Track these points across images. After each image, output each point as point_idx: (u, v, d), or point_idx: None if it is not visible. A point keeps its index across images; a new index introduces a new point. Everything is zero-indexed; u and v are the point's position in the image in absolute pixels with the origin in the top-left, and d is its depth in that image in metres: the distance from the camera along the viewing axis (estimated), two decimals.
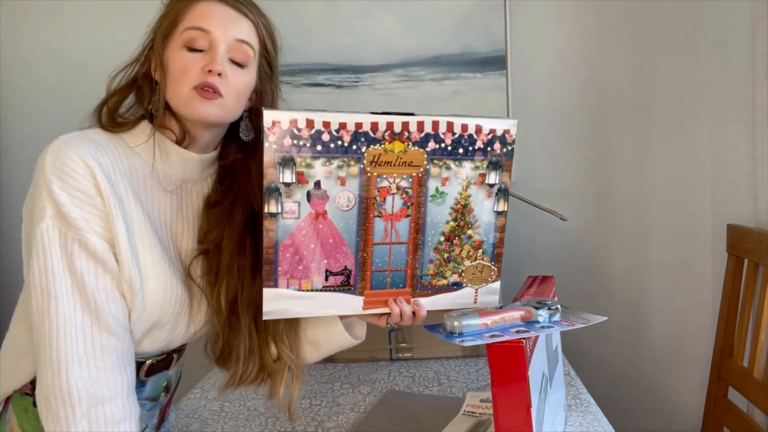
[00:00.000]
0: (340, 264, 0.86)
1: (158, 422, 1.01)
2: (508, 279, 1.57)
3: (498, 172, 0.89)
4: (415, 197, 0.86)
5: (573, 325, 0.80)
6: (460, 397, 1.19)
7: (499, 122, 0.87)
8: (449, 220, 0.88)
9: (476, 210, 0.89)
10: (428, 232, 0.88)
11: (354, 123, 0.81)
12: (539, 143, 1.69)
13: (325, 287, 0.87)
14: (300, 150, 0.80)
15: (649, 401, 1.76)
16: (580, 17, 1.65)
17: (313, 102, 1.67)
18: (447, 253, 0.90)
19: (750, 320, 1.44)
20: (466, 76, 1.66)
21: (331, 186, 0.82)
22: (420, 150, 0.84)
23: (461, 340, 0.77)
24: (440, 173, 0.86)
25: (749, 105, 1.45)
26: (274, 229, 0.82)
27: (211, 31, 0.86)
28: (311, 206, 0.82)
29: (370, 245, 0.86)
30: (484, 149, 0.87)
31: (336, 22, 1.65)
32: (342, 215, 0.84)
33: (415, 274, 0.90)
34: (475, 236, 0.90)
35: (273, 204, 0.82)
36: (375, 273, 0.88)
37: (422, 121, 0.83)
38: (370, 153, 0.83)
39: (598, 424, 1.03)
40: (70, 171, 0.79)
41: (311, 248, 0.84)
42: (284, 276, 0.84)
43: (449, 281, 0.91)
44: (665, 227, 1.70)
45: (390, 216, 0.86)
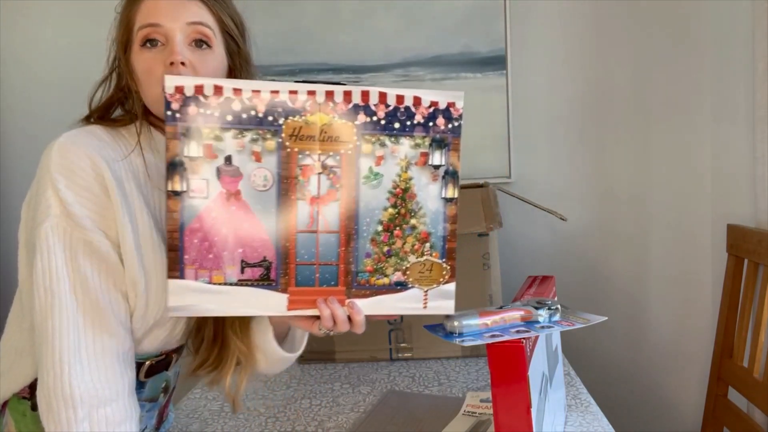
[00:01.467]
0: (258, 254, 0.75)
1: (157, 423, 1.01)
2: (509, 279, 1.58)
3: (443, 151, 0.78)
4: (344, 178, 0.76)
5: (573, 325, 0.80)
6: (460, 397, 1.19)
7: (442, 93, 0.78)
8: (387, 206, 0.77)
9: (420, 196, 0.78)
10: (362, 220, 0.77)
11: (269, 90, 0.72)
12: (539, 143, 1.69)
13: (240, 281, 0.76)
14: (207, 120, 0.72)
15: (649, 401, 1.76)
16: (580, 17, 1.65)
17: None
18: (387, 246, 0.78)
19: (750, 320, 1.44)
20: (466, 76, 1.66)
21: (245, 162, 0.73)
22: (348, 123, 0.75)
23: (461, 340, 0.77)
24: (374, 151, 0.76)
25: (749, 104, 1.45)
26: (179, 209, 0.73)
27: (161, 23, 0.83)
28: (222, 184, 0.73)
29: (293, 233, 0.76)
30: (425, 124, 0.77)
31: (336, 22, 1.65)
32: (259, 196, 0.74)
33: (350, 270, 0.78)
34: (420, 227, 0.79)
35: (177, 181, 0.73)
36: (300, 267, 0.77)
37: (350, 91, 0.74)
38: (288, 125, 0.73)
39: (598, 424, 1.03)
40: (76, 169, 0.78)
41: (223, 234, 0.74)
42: (192, 265, 0.74)
43: (391, 280, 0.79)
44: (665, 227, 1.70)
45: (316, 199, 0.75)
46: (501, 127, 1.67)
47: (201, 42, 0.85)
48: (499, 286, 1.37)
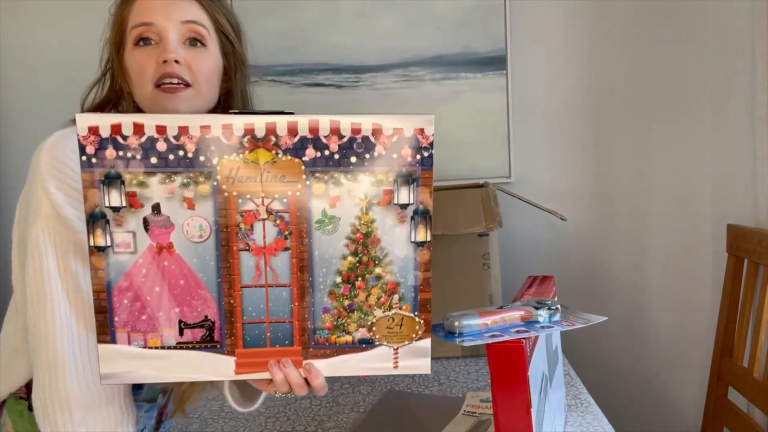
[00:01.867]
0: (197, 313, 0.68)
1: (157, 423, 1.00)
2: (509, 279, 1.58)
3: (411, 187, 0.66)
4: (293, 224, 0.66)
5: (573, 325, 0.80)
6: (460, 397, 1.19)
7: (407, 119, 0.65)
8: (346, 254, 0.68)
9: (384, 240, 0.68)
10: (318, 270, 0.68)
11: (198, 126, 0.63)
12: (539, 143, 1.69)
13: (180, 344, 0.68)
14: (128, 164, 0.63)
15: (649, 401, 1.76)
16: (580, 17, 1.65)
17: (314, 102, 1.67)
18: (348, 300, 0.69)
19: (750, 320, 1.44)
20: (466, 76, 1.66)
21: (176, 210, 0.65)
22: (295, 160, 0.65)
23: (461, 340, 0.77)
24: (327, 191, 0.66)
25: (749, 105, 1.45)
26: (104, 267, 0.65)
27: (154, 21, 0.82)
28: (151, 237, 0.65)
29: (237, 288, 0.67)
30: (387, 156, 0.65)
31: (336, 22, 1.65)
32: (194, 249, 0.66)
33: (305, 327, 0.69)
34: (387, 276, 0.69)
35: (99, 235, 0.65)
36: (248, 326, 0.68)
37: (295, 122, 0.64)
38: (224, 166, 0.64)
39: (598, 424, 1.03)
40: (66, 169, 0.77)
41: (156, 292, 0.67)
42: (123, 329, 0.67)
43: (355, 338, 0.70)
44: (665, 227, 1.70)
45: (261, 249, 0.67)
46: (501, 127, 1.67)
47: (195, 41, 0.84)
48: (499, 286, 1.37)
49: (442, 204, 1.38)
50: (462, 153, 1.68)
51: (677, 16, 1.63)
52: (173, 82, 0.82)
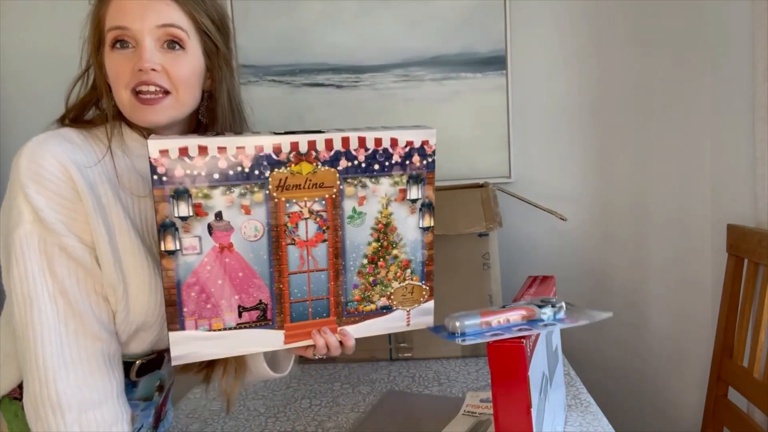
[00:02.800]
0: (253, 298, 0.79)
1: (155, 421, 1.00)
2: (509, 279, 1.58)
3: (420, 186, 0.84)
4: (330, 220, 0.80)
5: (577, 322, 0.80)
6: (460, 397, 1.19)
7: (416, 133, 0.81)
8: (371, 241, 0.83)
9: (400, 228, 0.84)
10: (349, 255, 0.82)
11: (254, 146, 0.74)
12: (539, 143, 1.69)
13: (239, 324, 0.79)
14: (194, 180, 0.73)
15: (649, 401, 1.76)
16: (580, 17, 1.65)
17: (314, 102, 1.67)
18: (372, 276, 0.84)
19: (750, 320, 1.44)
20: (466, 76, 1.66)
21: (235, 216, 0.75)
22: (331, 170, 0.78)
23: (462, 339, 0.77)
24: (356, 192, 0.80)
25: (749, 105, 1.45)
26: (174, 267, 0.75)
27: (128, 26, 0.80)
28: (214, 239, 0.75)
29: (285, 275, 0.80)
30: (402, 163, 0.82)
31: (336, 22, 1.65)
32: (250, 246, 0.77)
33: (339, 301, 0.83)
34: (402, 256, 0.85)
35: (170, 241, 0.74)
36: (294, 304, 0.81)
37: (330, 139, 0.77)
38: (275, 177, 0.76)
39: (598, 424, 1.03)
40: (45, 173, 0.77)
41: (219, 284, 0.77)
42: (191, 317, 0.77)
43: (377, 305, 0.86)
44: (665, 227, 1.70)
45: (305, 242, 0.79)
46: (501, 127, 1.67)
47: (173, 43, 0.82)
48: (499, 286, 1.37)
49: (442, 204, 1.38)
50: (462, 153, 1.68)
51: (677, 16, 1.63)
52: (150, 89, 0.81)
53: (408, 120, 1.67)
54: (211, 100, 0.90)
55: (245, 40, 1.64)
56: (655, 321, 1.73)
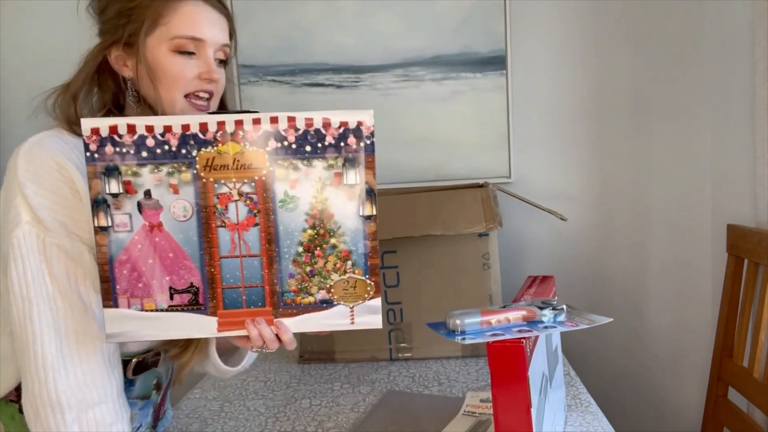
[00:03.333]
0: (184, 281, 0.79)
1: (153, 421, 1.00)
2: (509, 279, 1.58)
3: (356, 169, 0.79)
4: (261, 203, 0.79)
5: (577, 326, 0.80)
6: (460, 397, 1.18)
7: (350, 113, 0.78)
8: (306, 227, 0.80)
9: (337, 215, 0.80)
10: (283, 242, 0.80)
11: (180, 125, 0.76)
12: (539, 143, 1.69)
13: (171, 307, 0.80)
14: (124, 158, 0.76)
15: (649, 401, 1.76)
16: (580, 17, 1.65)
17: (314, 102, 1.67)
18: (309, 266, 0.81)
19: (750, 320, 1.44)
20: (466, 76, 1.66)
21: (164, 195, 0.77)
22: (259, 150, 0.77)
23: (462, 338, 0.77)
24: (287, 175, 0.78)
25: (749, 105, 1.45)
26: (106, 243, 0.77)
27: (204, 39, 0.86)
28: (144, 218, 0.77)
29: (216, 259, 0.79)
30: (336, 145, 0.78)
31: (336, 22, 1.65)
32: (180, 226, 0.78)
33: (275, 290, 0.81)
34: (341, 245, 0.81)
35: (102, 217, 0.77)
36: (227, 290, 0.80)
37: (258, 118, 0.77)
38: (202, 157, 0.77)
39: (598, 424, 1.03)
40: (43, 173, 0.78)
41: (150, 264, 0.78)
42: (124, 295, 0.78)
43: (317, 298, 0.82)
44: (665, 227, 1.70)
45: (236, 225, 0.79)
46: (501, 127, 1.67)
47: (222, 61, 0.91)
48: (499, 286, 1.38)
49: (442, 204, 1.38)
50: (462, 153, 1.68)
51: (677, 16, 1.63)
52: (204, 96, 0.88)
53: (408, 120, 1.67)
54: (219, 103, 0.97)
55: (245, 40, 1.64)
56: (655, 321, 1.73)
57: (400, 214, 1.38)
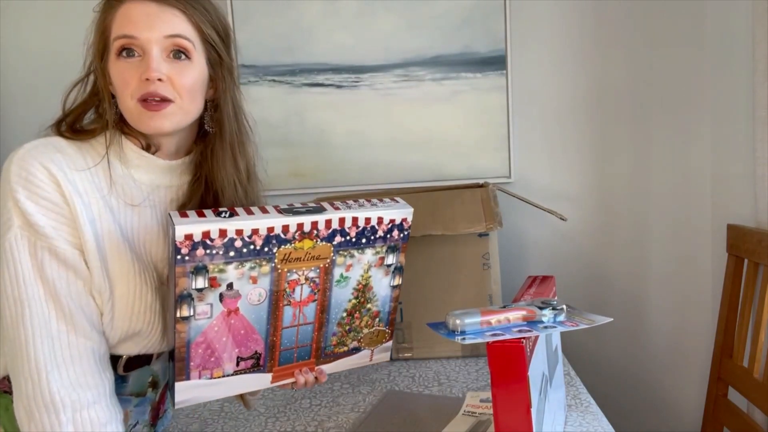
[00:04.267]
0: (250, 350, 0.89)
1: (152, 419, 1.00)
2: (509, 279, 1.58)
3: (395, 254, 0.95)
4: (321, 284, 0.90)
5: (577, 326, 0.80)
6: (460, 397, 1.18)
7: (398, 212, 0.92)
8: (351, 298, 0.93)
9: (375, 287, 0.95)
10: (332, 311, 0.93)
11: (266, 228, 0.83)
12: (539, 143, 1.69)
13: (236, 371, 0.89)
14: (213, 258, 0.80)
15: (649, 401, 1.76)
16: (580, 17, 1.65)
17: (314, 102, 1.67)
18: (348, 326, 0.96)
19: (750, 320, 1.44)
20: (466, 76, 1.66)
21: (243, 285, 0.84)
22: (327, 245, 0.88)
23: (462, 338, 0.77)
24: (345, 261, 0.90)
25: (749, 105, 1.45)
26: (186, 330, 0.82)
27: (136, 35, 0.81)
28: (223, 305, 0.83)
29: (279, 330, 0.89)
30: (384, 237, 0.92)
31: (336, 22, 1.65)
32: (254, 309, 0.86)
33: (320, 346, 0.94)
34: (374, 308, 0.97)
35: (186, 309, 0.81)
36: (283, 352, 0.92)
37: (330, 219, 0.86)
38: (281, 252, 0.85)
39: (598, 424, 1.03)
40: (35, 180, 0.79)
41: (223, 341, 0.86)
42: (196, 369, 0.85)
43: (349, 347, 0.98)
44: (665, 227, 1.70)
45: (298, 303, 0.89)
46: (501, 127, 1.67)
47: (179, 53, 0.83)
48: (499, 286, 1.37)
49: (442, 204, 1.38)
50: (462, 153, 1.68)
51: (677, 16, 1.63)
52: (156, 99, 0.82)
53: (408, 120, 1.67)
54: (216, 110, 0.92)
55: (245, 40, 1.64)
56: (655, 321, 1.73)
57: None
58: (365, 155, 1.69)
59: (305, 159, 1.70)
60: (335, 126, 1.68)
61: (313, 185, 1.70)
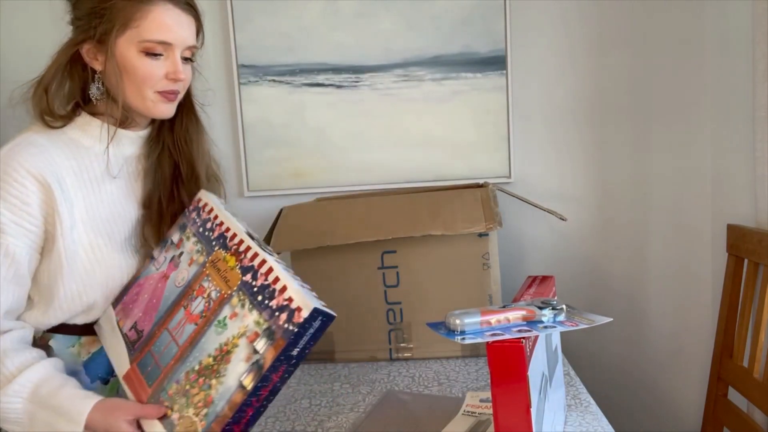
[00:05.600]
0: (142, 325, 0.93)
1: None
2: (509, 279, 1.58)
3: (267, 342, 0.79)
4: (209, 313, 0.87)
5: (576, 326, 0.80)
6: (460, 397, 1.18)
7: (301, 298, 0.79)
8: (213, 354, 0.83)
9: (230, 366, 0.81)
10: (195, 352, 0.85)
11: (226, 226, 0.93)
12: (539, 143, 1.69)
13: (123, 334, 0.95)
14: (193, 224, 0.97)
15: (649, 401, 1.76)
16: (580, 17, 1.65)
17: (314, 102, 1.67)
18: (189, 386, 0.84)
19: (750, 320, 1.44)
20: (466, 76, 1.66)
21: (184, 260, 0.93)
22: (239, 275, 0.87)
23: (462, 338, 0.77)
24: (235, 307, 0.85)
25: (749, 105, 1.45)
26: (145, 266, 0.98)
27: (171, 42, 0.94)
28: (166, 267, 0.94)
29: (164, 327, 0.91)
30: (272, 310, 0.81)
31: (336, 22, 1.65)
32: (172, 288, 0.93)
33: (162, 382, 0.86)
34: (212, 391, 0.81)
35: (157, 252, 1.00)
36: (147, 354, 0.91)
37: (256, 254, 0.87)
38: (216, 254, 0.91)
39: (598, 424, 1.03)
40: (10, 179, 0.87)
41: (143, 298, 0.95)
42: (120, 306, 0.97)
43: (171, 417, 0.84)
44: (665, 227, 1.70)
45: (188, 314, 0.90)
46: (501, 127, 1.67)
47: (188, 59, 1.00)
48: (499, 286, 1.37)
49: (442, 204, 1.38)
50: (462, 153, 1.68)
51: (677, 16, 1.63)
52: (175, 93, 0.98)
53: (408, 120, 1.67)
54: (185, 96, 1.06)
55: (245, 40, 1.64)
56: (655, 321, 1.73)
57: (400, 214, 1.38)
58: (365, 155, 1.69)
59: (305, 159, 1.70)
60: (335, 126, 1.68)
61: (313, 185, 1.70)
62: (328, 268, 1.38)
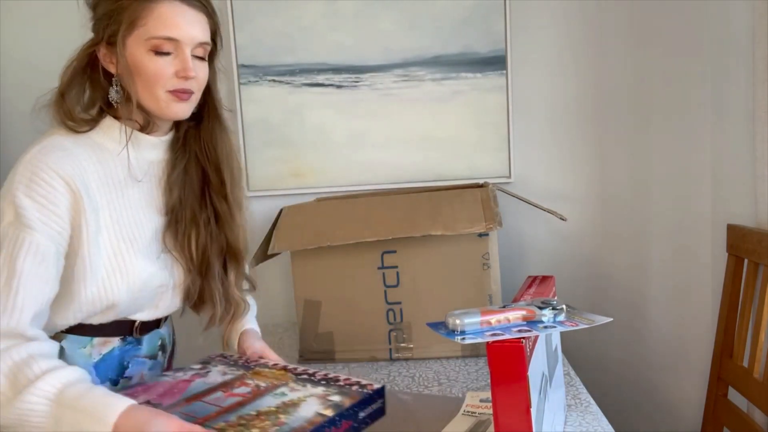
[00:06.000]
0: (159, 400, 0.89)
1: None
2: (509, 279, 1.58)
3: (342, 397, 0.89)
4: (261, 390, 0.92)
5: (576, 326, 0.80)
6: (460, 397, 1.18)
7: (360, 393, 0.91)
8: (272, 408, 0.87)
9: (300, 408, 0.86)
10: (246, 408, 0.87)
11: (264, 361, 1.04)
12: (539, 143, 1.69)
13: None
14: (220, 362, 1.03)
15: (649, 401, 1.76)
16: (581, 17, 1.65)
17: (313, 102, 1.67)
18: (245, 422, 0.83)
19: (750, 320, 1.44)
20: (466, 76, 1.66)
21: (215, 372, 0.98)
22: (290, 374, 0.97)
23: (462, 338, 0.77)
24: (295, 385, 0.94)
25: (749, 105, 1.45)
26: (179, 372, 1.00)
27: (179, 38, 0.91)
28: (188, 377, 0.97)
29: (194, 400, 0.89)
30: (341, 384, 0.94)
31: (336, 22, 1.65)
32: (200, 384, 0.95)
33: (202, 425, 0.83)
34: (283, 417, 0.84)
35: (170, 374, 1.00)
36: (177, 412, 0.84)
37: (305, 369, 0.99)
38: (257, 369, 0.99)
39: (598, 424, 1.03)
40: (39, 180, 0.86)
41: (157, 389, 0.93)
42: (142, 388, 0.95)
43: None
44: (665, 227, 1.70)
45: (231, 394, 0.91)
46: (501, 127, 1.67)
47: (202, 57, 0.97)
48: (499, 286, 1.37)
49: (442, 204, 1.38)
50: (462, 153, 1.68)
51: (677, 16, 1.63)
52: (187, 92, 0.95)
53: (408, 120, 1.67)
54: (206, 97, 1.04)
55: (245, 40, 1.64)
56: (655, 321, 1.73)
57: (400, 214, 1.38)
58: (365, 155, 1.69)
59: (305, 159, 1.70)
60: (335, 126, 1.68)
61: (313, 185, 1.70)
62: (328, 268, 1.38)
